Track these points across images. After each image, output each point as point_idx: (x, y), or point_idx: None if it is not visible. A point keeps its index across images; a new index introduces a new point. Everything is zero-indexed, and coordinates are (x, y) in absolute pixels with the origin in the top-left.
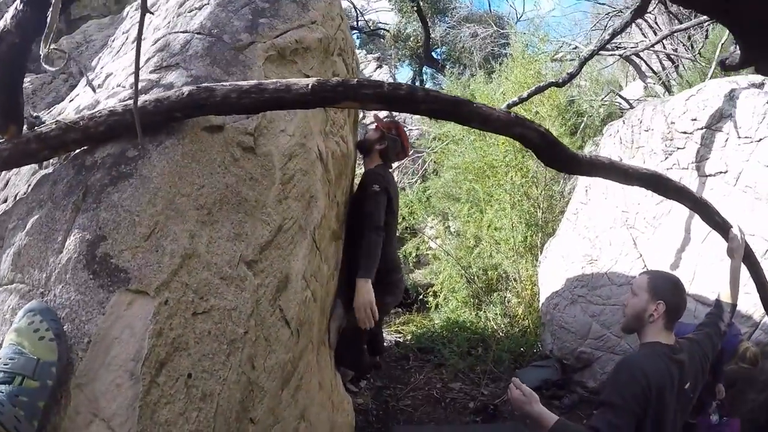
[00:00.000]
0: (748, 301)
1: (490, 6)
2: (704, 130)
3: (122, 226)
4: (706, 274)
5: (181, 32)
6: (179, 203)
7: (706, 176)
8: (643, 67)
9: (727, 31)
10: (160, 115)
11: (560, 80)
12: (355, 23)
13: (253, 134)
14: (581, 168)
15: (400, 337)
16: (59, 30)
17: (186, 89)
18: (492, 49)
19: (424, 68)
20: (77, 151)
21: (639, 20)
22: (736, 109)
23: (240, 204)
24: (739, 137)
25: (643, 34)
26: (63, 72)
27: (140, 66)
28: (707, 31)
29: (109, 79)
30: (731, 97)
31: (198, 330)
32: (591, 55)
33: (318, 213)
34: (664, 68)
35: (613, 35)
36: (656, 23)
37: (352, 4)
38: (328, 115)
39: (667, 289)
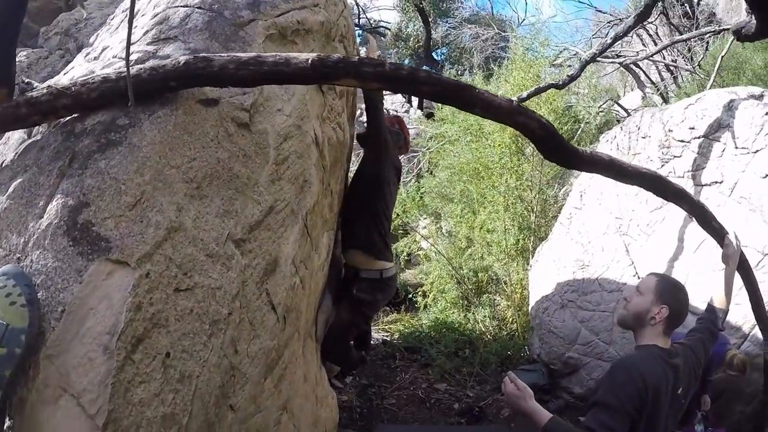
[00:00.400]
0: (738, 313)
1: (492, 9)
2: (702, 139)
3: (107, 193)
4: (698, 284)
5: (181, 6)
6: (168, 174)
7: (702, 185)
8: (642, 77)
9: (729, 42)
10: (155, 84)
11: (560, 82)
12: (356, 20)
13: (249, 111)
14: (581, 163)
15: (387, 336)
16: (58, 8)
17: (183, 58)
18: (492, 52)
19: (423, 69)
20: (68, 118)
21: (640, 30)
22: (734, 119)
23: (231, 180)
24: (736, 148)
25: (643, 44)
26: (60, 48)
27: (138, 39)
28: (708, 43)
29: (105, 51)
30: (730, 107)
31: (179, 307)
32: (592, 58)
33: (311, 198)
34: (662, 79)
35: (616, 39)
36: (657, 34)
37: (355, 1)
38: (326, 100)
39: (673, 294)
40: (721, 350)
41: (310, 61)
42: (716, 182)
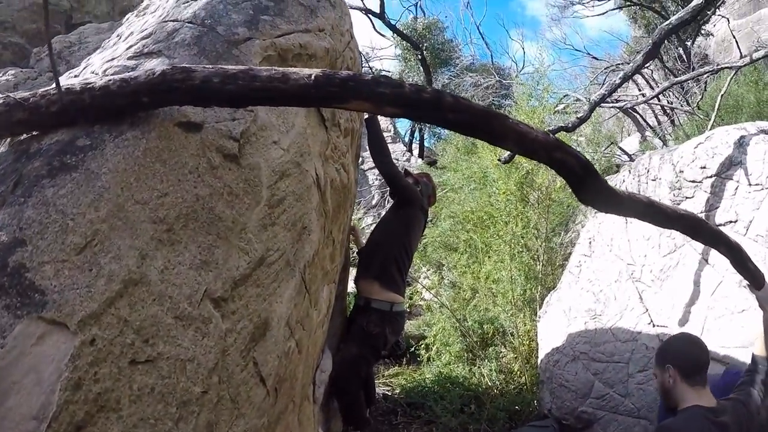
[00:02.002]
0: None
1: (492, 58)
2: (714, 178)
3: (50, 230)
4: (717, 329)
5: (170, 21)
6: (131, 212)
7: (716, 226)
8: (640, 121)
9: (728, 81)
10: (125, 99)
11: (570, 125)
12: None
13: (239, 140)
14: (619, 205)
15: (388, 390)
16: (57, 32)
17: (159, 68)
18: (493, 100)
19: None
20: (25, 135)
21: (635, 75)
22: (746, 156)
23: (212, 223)
24: (750, 185)
25: (639, 88)
26: (50, 71)
27: (120, 54)
28: (705, 83)
29: (87, 69)
30: (741, 144)
31: (136, 384)
32: (602, 99)
33: (310, 248)
34: (659, 122)
35: (624, 79)
36: (653, 78)
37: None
38: (329, 137)
39: (670, 350)
40: (734, 380)
41: (313, 78)
42: (731, 221)
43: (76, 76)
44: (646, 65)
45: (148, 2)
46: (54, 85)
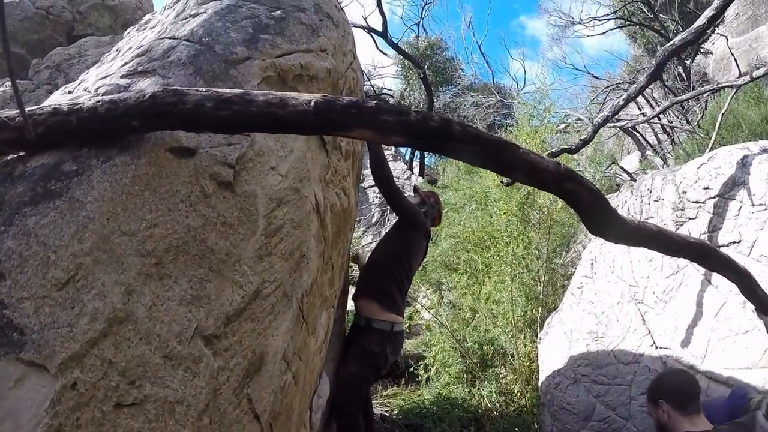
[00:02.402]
0: None
1: (493, 77)
2: (717, 198)
3: (30, 263)
4: (720, 350)
5: (167, 38)
6: (117, 244)
7: (719, 247)
8: (640, 139)
9: (729, 99)
10: (113, 122)
11: (573, 146)
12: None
13: (234, 166)
14: (630, 235)
15: (386, 411)
16: (59, 43)
17: (149, 90)
18: (494, 119)
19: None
20: (11, 156)
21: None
22: (749, 176)
23: (204, 256)
24: (753, 205)
25: (639, 107)
26: (48, 83)
27: (114, 72)
28: (706, 102)
29: (81, 84)
30: (744, 164)
31: (122, 430)
32: (605, 121)
33: (309, 277)
34: (659, 141)
35: (628, 100)
36: (652, 97)
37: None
38: (330, 161)
39: (660, 387)
40: (740, 402)
41: (313, 104)
42: (734, 242)
43: (70, 92)
44: (649, 86)
45: (150, 17)
46: (37, 106)
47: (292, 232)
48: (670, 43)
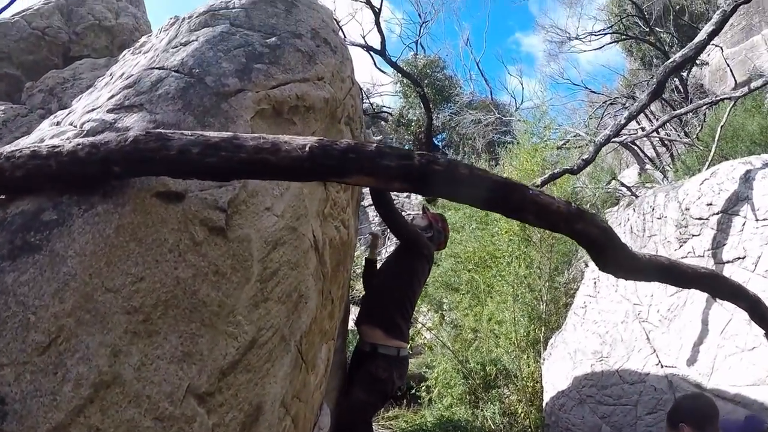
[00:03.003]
0: None
1: (492, 94)
2: (720, 215)
3: (9, 326)
4: (726, 367)
5: (156, 68)
6: (101, 302)
7: (724, 263)
8: (638, 153)
9: (728, 111)
10: (94, 167)
11: (575, 167)
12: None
13: (226, 210)
14: (641, 272)
15: None
16: (55, 65)
17: (131, 134)
18: (493, 137)
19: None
20: None
21: (632, 107)
22: (752, 191)
23: (195, 309)
24: (757, 220)
25: (637, 122)
26: (41, 107)
27: (101, 105)
28: (704, 115)
29: (69, 116)
30: (747, 178)
31: None
32: (607, 141)
33: (307, 317)
34: (658, 154)
35: (630, 119)
36: (650, 111)
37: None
38: (328, 194)
39: (680, 410)
40: (758, 429)
41: (307, 149)
42: (739, 258)
43: (58, 123)
44: (651, 104)
45: (145, 39)
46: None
47: (289, 274)
48: (671, 60)
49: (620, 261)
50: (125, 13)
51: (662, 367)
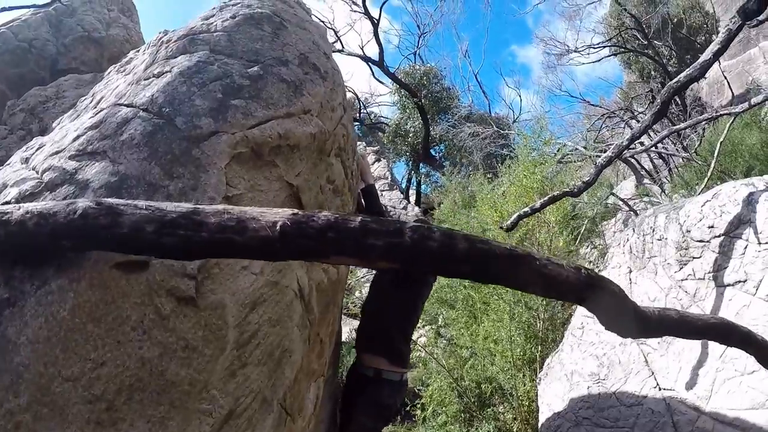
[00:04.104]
0: None
1: (490, 107)
2: (722, 237)
3: None
4: (726, 391)
5: (124, 105)
6: (59, 393)
7: (724, 286)
8: (636, 166)
9: (728, 126)
10: (44, 240)
11: (575, 189)
12: (357, 114)
13: (196, 277)
14: (651, 330)
15: None
16: (42, 78)
17: (80, 205)
18: (491, 150)
19: (420, 165)
20: None
21: (631, 120)
22: (755, 213)
23: (164, 390)
24: (759, 243)
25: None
26: (22, 128)
27: (66, 146)
28: (703, 130)
29: (35, 155)
30: (749, 201)
31: None
32: (608, 162)
33: (292, 371)
34: (655, 167)
35: (633, 139)
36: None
37: (356, 95)
38: None
39: None
40: None
41: (278, 228)
42: (740, 281)
43: (26, 161)
44: (654, 125)
45: (133, 55)
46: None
47: (270, 332)
48: (675, 80)
49: (632, 324)
50: (117, 24)
51: (660, 389)
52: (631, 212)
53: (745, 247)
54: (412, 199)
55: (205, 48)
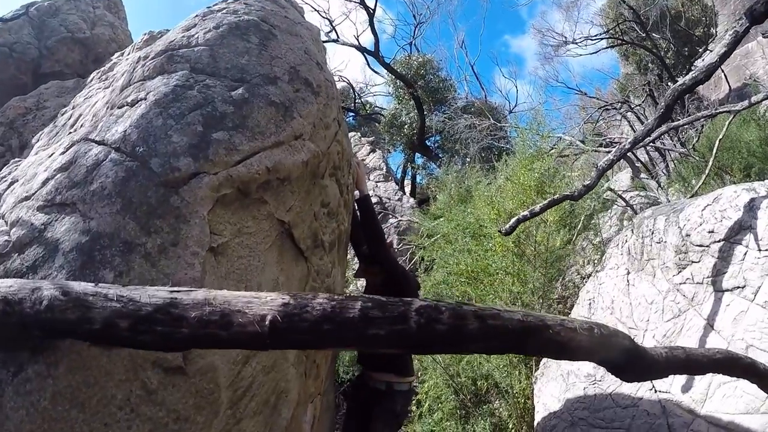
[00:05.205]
0: None
1: (486, 98)
2: (722, 243)
3: None
4: (721, 395)
5: (95, 143)
6: None
7: (723, 291)
8: (632, 159)
9: (729, 121)
10: (13, 328)
11: (576, 193)
12: (352, 105)
13: None
14: (660, 372)
15: None
16: (24, 83)
17: (46, 294)
18: (488, 143)
19: (416, 156)
20: None
21: (628, 113)
22: (756, 220)
23: None
24: (759, 250)
25: (633, 129)
26: (1, 144)
27: (35, 192)
28: (702, 126)
29: (7, 197)
30: (751, 207)
31: None
32: (609, 165)
33: (288, 411)
34: (651, 159)
35: (635, 143)
36: (645, 116)
37: (351, 85)
38: (310, 267)
39: None
40: None
41: (268, 324)
42: (738, 287)
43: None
44: (659, 128)
45: (116, 59)
46: None
47: (264, 380)
48: (680, 82)
49: (642, 371)
50: (102, 22)
51: (656, 392)
52: (628, 207)
53: (745, 254)
54: (408, 189)
55: (185, 67)
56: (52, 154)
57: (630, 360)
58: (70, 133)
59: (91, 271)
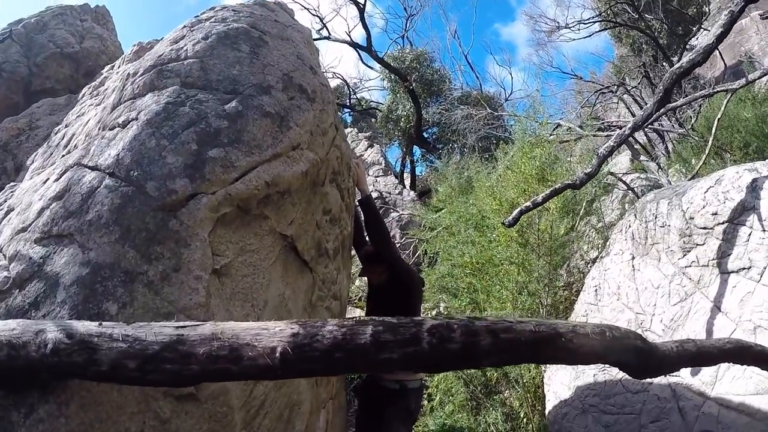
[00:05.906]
0: None
1: (482, 87)
2: (726, 224)
3: None
4: (731, 377)
5: (89, 168)
6: None
7: (728, 273)
8: (630, 141)
9: (726, 100)
10: (21, 372)
11: (577, 181)
12: (347, 101)
13: None
14: (672, 367)
15: None
16: (15, 103)
17: (50, 336)
18: (486, 132)
19: (414, 149)
20: None
21: (625, 95)
22: (759, 200)
23: None
24: (764, 230)
25: (632, 113)
26: None
27: (31, 222)
28: (700, 106)
29: (4, 227)
30: (753, 187)
31: None
32: (610, 152)
33: (302, 423)
34: (650, 140)
35: (635, 129)
36: (644, 100)
37: (345, 82)
38: (315, 277)
39: None
40: None
41: (278, 356)
42: (744, 269)
43: None
44: (658, 113)
45: (107, 73)
46: None
47: (277, 396)
48: (678, 65)
49: (654, 369)
50: (91, 35)
51: (666, 376)
52: (629, 190)
53: (749, 234)
54: (407, 182)
55: (175, 82)
56: (46, 180)
57: (642, 359)
58: (64, 155)
59: (93, 304)
